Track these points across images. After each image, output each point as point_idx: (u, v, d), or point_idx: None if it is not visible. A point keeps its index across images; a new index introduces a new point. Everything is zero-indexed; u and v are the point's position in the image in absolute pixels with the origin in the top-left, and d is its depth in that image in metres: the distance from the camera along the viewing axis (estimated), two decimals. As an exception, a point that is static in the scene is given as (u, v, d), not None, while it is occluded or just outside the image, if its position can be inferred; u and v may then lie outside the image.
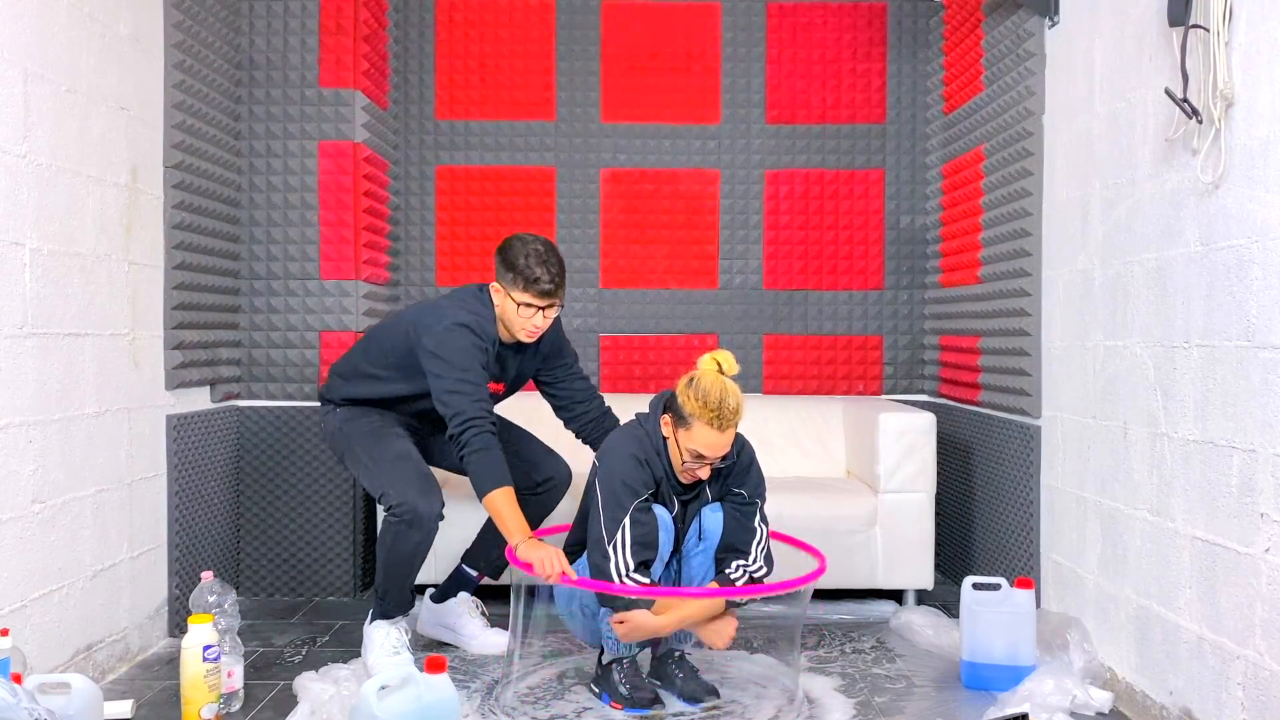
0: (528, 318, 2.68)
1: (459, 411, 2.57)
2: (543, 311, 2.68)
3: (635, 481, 2.47)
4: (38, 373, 2.40)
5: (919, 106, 4.10)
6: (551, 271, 2.65)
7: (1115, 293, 2.60)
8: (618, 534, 2.42)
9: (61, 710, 1.98)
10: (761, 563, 2.55)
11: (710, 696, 2.58)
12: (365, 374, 2.86)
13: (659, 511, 2.49)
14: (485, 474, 2.54)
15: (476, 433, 2.55)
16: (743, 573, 2.52)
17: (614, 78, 4.07)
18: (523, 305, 2.66)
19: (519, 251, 2.66)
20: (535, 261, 2.64)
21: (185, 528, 3.13)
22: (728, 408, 2.39)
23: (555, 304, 2.70)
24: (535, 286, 2.63)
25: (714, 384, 2.41)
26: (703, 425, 2.40)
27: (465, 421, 2.56)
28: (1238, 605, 2.08)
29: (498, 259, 2.71)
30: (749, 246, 4.11)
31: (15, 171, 2.31)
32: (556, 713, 2.52)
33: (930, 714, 2.52)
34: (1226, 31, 2.09)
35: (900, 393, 4.14)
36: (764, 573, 2.55)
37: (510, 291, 2.66)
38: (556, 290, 2.67)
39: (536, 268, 2.63)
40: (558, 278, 2.67)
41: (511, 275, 2.65)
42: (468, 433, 2.55)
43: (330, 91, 3.51)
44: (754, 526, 2.57)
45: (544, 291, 2.64)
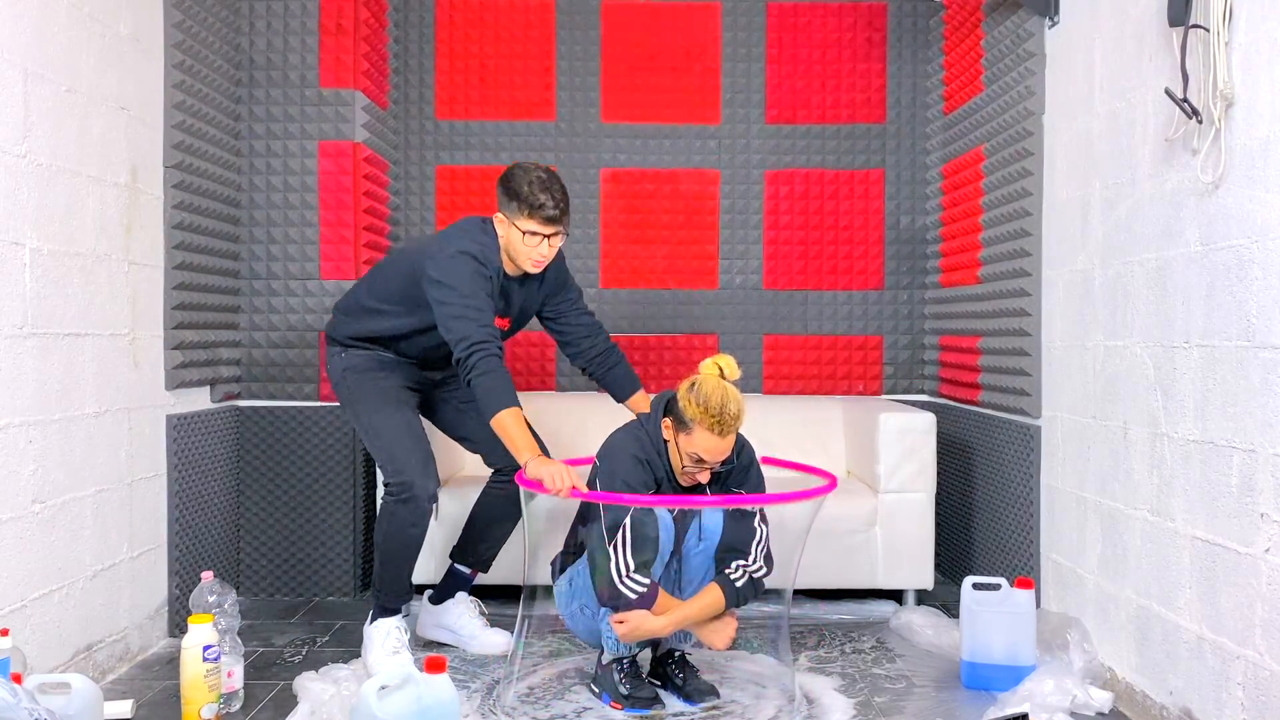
0: (533, 246, 2.65)
1: (464, 336, 2.54)
2: (548, 240, 2.66)
3: (636, 482, 2.47)
4: (38, 373, 2.40)
5: (919, 106, 4.10)
6: (556, 197, 2.63)
7: (1115, 293, 2.60)
8: (618, 534, 2.42)
9: (61, 710, 1.98)
10: (761, 562, 2.55)
11: (710, 696, 2.58)
12: (369, 309, 2.83)
13: (659, 512, 2.49)
14: (492, 396, 2.51)
15: (482, 356, 2.52)
16: (743, 572, 2.52)
17: (614, 78, 4.07)
18: (528, 234, 2.63)
19: (521, 179, 2.63)
20: (539, 188, 2.61)
21: (185, 528, 3.13)
22: (728, 413, 2.39)
23: (560, 231, 2.67)
24: (541, 213, 2.61)
25: (715, 389, 2.41)
26: (703, 430, 2.40)
27: (471, 345, 2.53)
28: (1238, 605, 2.08)
29: (500, 189, 2.68)
30: (749, 246, 4.11)
31: (15, 171, 2.31)
32: (556, 713, 2.52)
33: (930, 714, 2.52)
34: (1226, 31, 2.09)
35: (900, 393, 4.14)
36: (764, 572, 2.55)
37: (515, 220, 2.63)
38: (562, 216, 2.65)
39: (540, 194, 2.61)
40: (562, 203, 2.64)
41: (516, 204, 2.62)
42: (474, 356, 2.52)
43: (330, 91, 3.51)
44: (754, 526, 2.57)
45: (549, 218, 2.62)
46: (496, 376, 2.52)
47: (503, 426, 2.50)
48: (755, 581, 2.54)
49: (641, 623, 2.42)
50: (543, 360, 4.10)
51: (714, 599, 2.49)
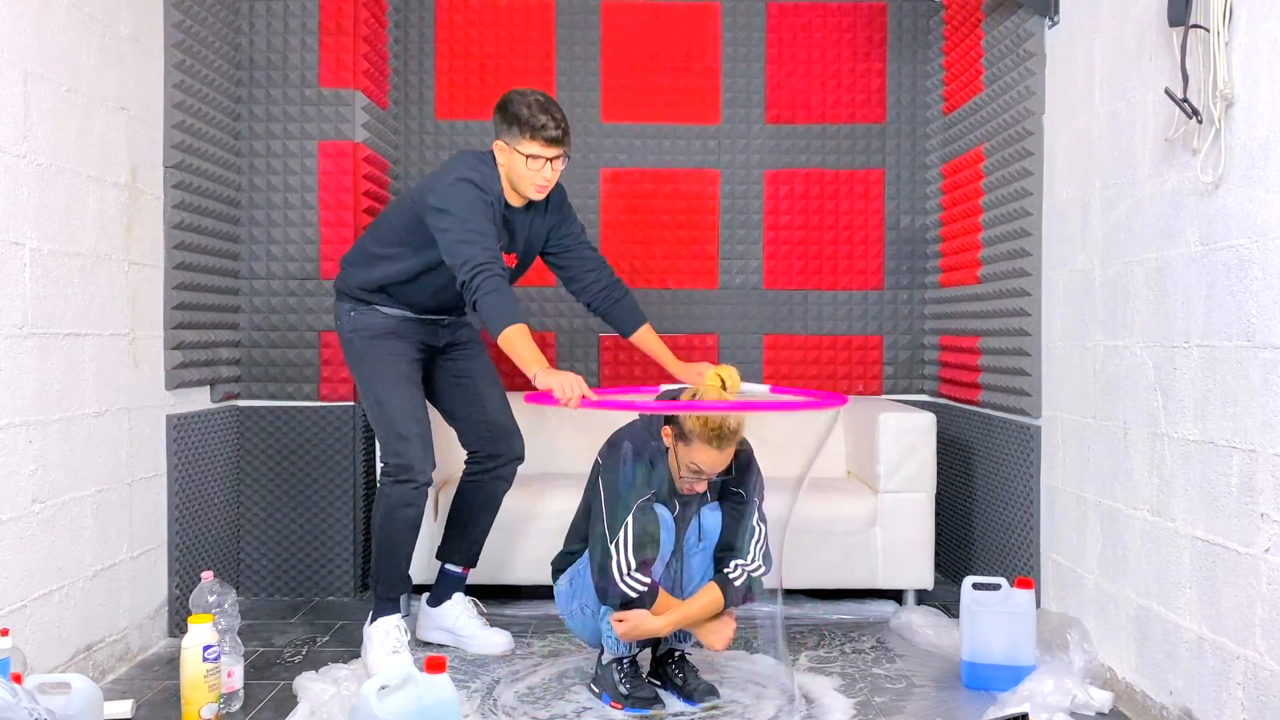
0: (536, 170, 2.64)
1: (468, 259, 2.52)
2: (550, 163, 2.65)
3: (639, 482, 2.47)
4: (38, 373, 2.40)
5: (919, 106, 4.10)
6: (556, 118, 2.63)
7: (1115, 293, 2.60)
8: (620, 532, 2.42)
9: (61, 710, 1.98)
10: (760, 561, 2.55)
11: (710, 696, 2.58)
12: (375, 255, 2.83)
13: (660, 511, 2.50)
14: (498, 313, 2.49)
15: (486, 276, 2.51)
16: (741, 571, 2.52)
17: (614, 78, 4.07)
18: (530, 157, 2.62)
19: (519, 103, 2.63)
20: (538, 109, 2.61)
21: (185, 528, 3.13)
22: (728, 427, 2.39)
23: (562, 154, 2.67)
24: (543, 134, 2.60)
25: None
26: (702, 443, 2.40)
27: (475, 267, 2.51)
28: (1238, 605, 2.08)
29: (497, 116, 2.67)
30: (749, 246, 4.11)
31: (15, 171, 2.31)
32: (556, 713, 2.52)
33: (930, 714, 2.52)
34: (1226, 31, 2.09)
35: (900, 393, 4.14)
36: (762, 571, 2.55)
37: (516, 145, 2.63)
38: (564, 138, 2.64)
39: (540, 115, 2.60)
40: (563, 124, 2.64)
41: (516, 128, 2.61)
42: (478, 277, 2.51)
43: (330, 91, 3.51)
44: (752, 525, 2.57)
45: (551, 139, 2.62)
46: (502, 295, 2.51)
47: (510, 342, 2.48)
48: (754, 581, 2.54)
49: (641, 622, 2.43)
50: (543, 360, 4.10)
51: (713, 598, 2.49)
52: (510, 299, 2.53)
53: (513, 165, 2.66)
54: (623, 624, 2.43)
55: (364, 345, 2.85)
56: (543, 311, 4.09)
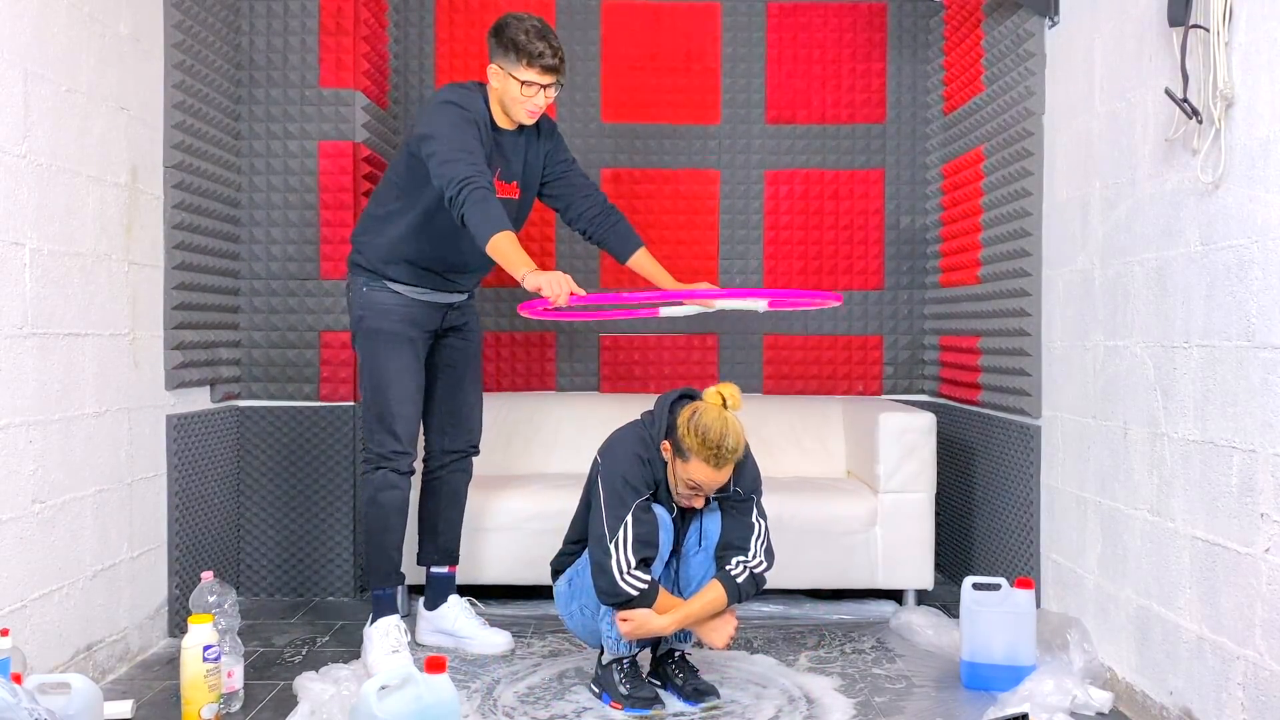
0: (530, 96, 2.65)
1: (453, 176, 2.52)
2: (544, 90, 2.65)
3: (637, 480, 2.47)
4: (38, 373, 2.40)
5: (919, 106, 4.10)
6: (554, 45, 2.63)
7: (1115, 293, 2.60)
8: (620, 531, 2.42)
9: (61, 710, 1.98)
10: (762, 557, 2.55)
11: (710, 696, 2.57)
12: (379, 217, 2.83)
13: (659, 511, 2.49)
14: (484, 222, 2.48)
15: (472, 188, 2.50)
16: (743, 568, 2.51)
17: (614, 78, 4.07)
18: (526, 84, 2.62)
19: (516, 29, 2.62)
20: (535, 36, 2.61)
21: (185, 528, 3.13)
22: (726, 447, 2.39)
23: (557, 81, 2.66)
24: (540, 61, 2.60)
25: (715, 421, 2.41)
26: (700, 461, 2.40)
27: (459, 182, 2.51)
28: (1238, 605, 2.08)
29: (492, 40, 2.66)
30: (749, 246, 4.11)
31: (15, 171, 2.31)
32: (556, 713, 2.52)
33: (930, 714, 2.52)
34: (1226, 31, 2.09)
35: (900, 393, 4.14)
36: (764, 568, 2.55)
37: (512, 71, 2.62)
38: (560, 65, 2.64)
39: (537, 42, 2.60)
40: (560, 52, 2.64)
41: (513, 54, 2.61)
42: (463, 191, 2.50)
43: (330, 91, 3.51)
44: (751, 522, 2.56)
45: (548, 66, 2.62)
46: (488, 205, 2.50)
47: (498, 249, 2.47)
48: (756, 577, 2.53)
49: (645, 621, 2.43)
50: (542, 360, 4.10)
51: (716, 596, 2.49)
52: (496, 208, 2.51)
53: (507, 89, 2.66)
54: (627, 623, 2.43)
55: (373, 326, 2.85)
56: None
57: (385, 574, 2.87)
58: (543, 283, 2.38)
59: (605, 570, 2.42)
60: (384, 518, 2.86)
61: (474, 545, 3.32)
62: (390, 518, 2.86)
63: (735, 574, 2.51)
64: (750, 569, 2.53)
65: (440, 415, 3.04)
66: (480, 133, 2.64)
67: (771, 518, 2.68)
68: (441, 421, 3.04)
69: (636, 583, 2.41)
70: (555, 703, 2.58)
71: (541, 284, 2.38)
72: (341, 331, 3.51)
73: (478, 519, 3.32)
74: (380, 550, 2.87)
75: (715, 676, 2.69)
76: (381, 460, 2.84)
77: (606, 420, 2.83)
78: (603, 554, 2.43)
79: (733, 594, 2.50)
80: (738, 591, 2.50)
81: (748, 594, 2.53)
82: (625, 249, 2.96)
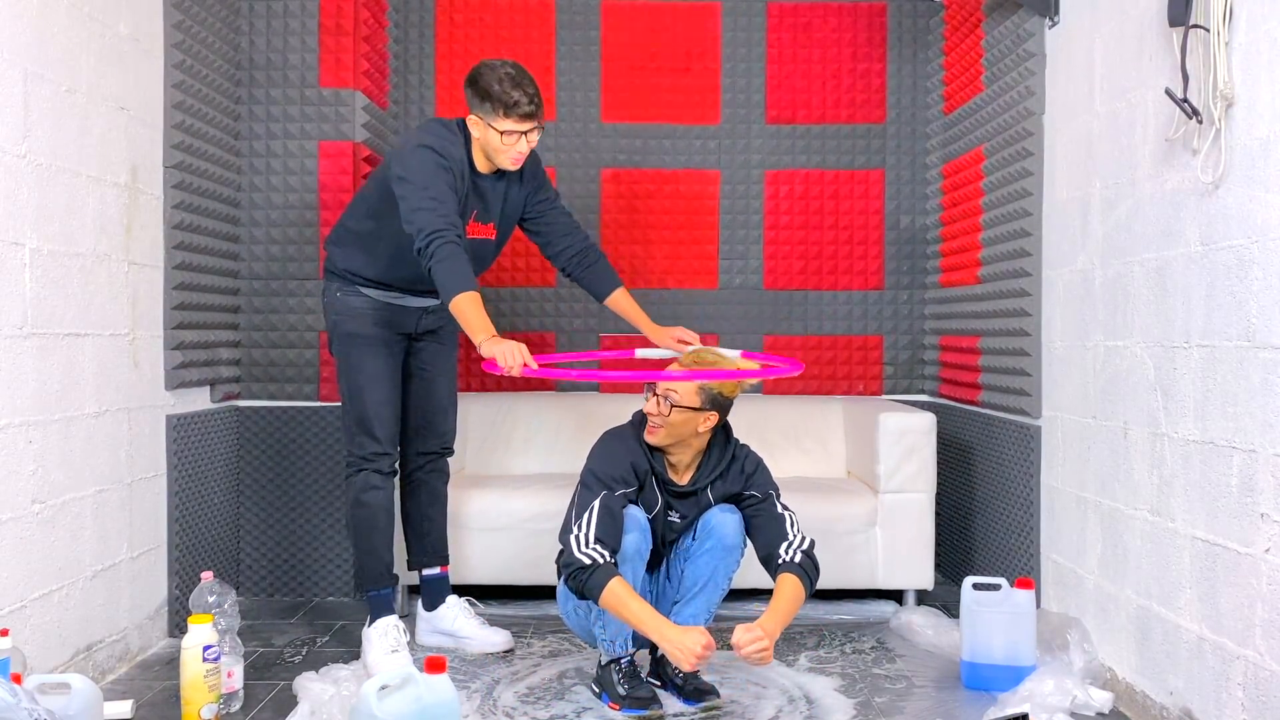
0: (511, 145, 2.65)
1: (423, 226, 2.52)
2: (525, 136, 2.65)
3: (607, 476, 2.49)
4: (38, 373, 2.40)
5: (919, 106, 4.10)
6: (529, 93, 2.62)
7: (1115, 293, 2.60)
8: (585, 515, 2.43)
9: (61, 710, 1.98)
10: (804, 536, 2.53)
11: (710, 696, 2.57)
12: (354, 231, 2.84)
13: (633, 511, 2.50)
14: (450, 280, 2.49)
15: (441, 243, 2.50)
16: (794, 552, 2.49)
17: (614, 78, 4.07)
18: (505, 133, 2.62)
19: (490, 78, 2.62)
20: (510, 85, 2.60)
21: (185, 528, 3.13)
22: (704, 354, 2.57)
23: (537, 126, 2.66)
24: (516, 111, 2.60)
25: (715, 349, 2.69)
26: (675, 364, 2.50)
27: (430, 234, 2.51)
28: (1238, 605, 2.08)
29: (468, 90, 2.66)
30: (749, 246, 4.11)
31: (15, 171, 2.31)
32: (556, 713, 2.52)
33: (930, 714, 2.52)
34: (1226, 31, 2.09)
35: (900, 393, 4.14)
36: (810, 542, 2.53)
37: (490, 121, 2.62)
38: (537, 111, 2.64)
39: (512, 91, 2.59)
40: (536, 98, 2.63)
41: (489, 104, 2.61)
42: (433, 244, 2.50)
43: (330, 91, 3.51)
44: (780, 514, 2.56)
45: (525, 114, 2.61)
46: (455, 261, 2.50)
47: (459, 309, 2.48)
48: (809, 554, 2.51)
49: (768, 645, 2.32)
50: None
51: (794, 588, 2.45)
52: (463, 266, 2.51)
53: (488, 140, 2.66)
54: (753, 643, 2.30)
55: (348, 330, 2.87)
56: (542, 312, 4.09)
57: (376, 575, 2.87)
58: (497, 353, 2.40)
59: (566, 546, 2.44)
60: (370, 518, 2.86)
61: (474, 545, 3.33)
62: (376, 517, 2.86)
63: (793, 560, 2.47)
64: (802, 550, 2.50)
65: (414, 418, 3.03)
66: (455, 179, 2.64)
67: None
68: (415, 424, 3.04)
69: (594, 554, 2.38)
70: (555, 703, 2.58)
71: (495, 354, 2.40)
72: (341, 331, 3.52)
73: (477, 519, 3.33)
74: (369, 552, 2.87)
75: (715, 677, 2.69)
76: (363, 463, 2.85)
77: (606, 420, 2.83)
78: (566, 533, 2.46)
79: (803, 577, 2.45)
80: (805, 574, 2.46)
81: (813, 573, 2.49)
82: (603, 289, 2.99)
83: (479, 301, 2.50)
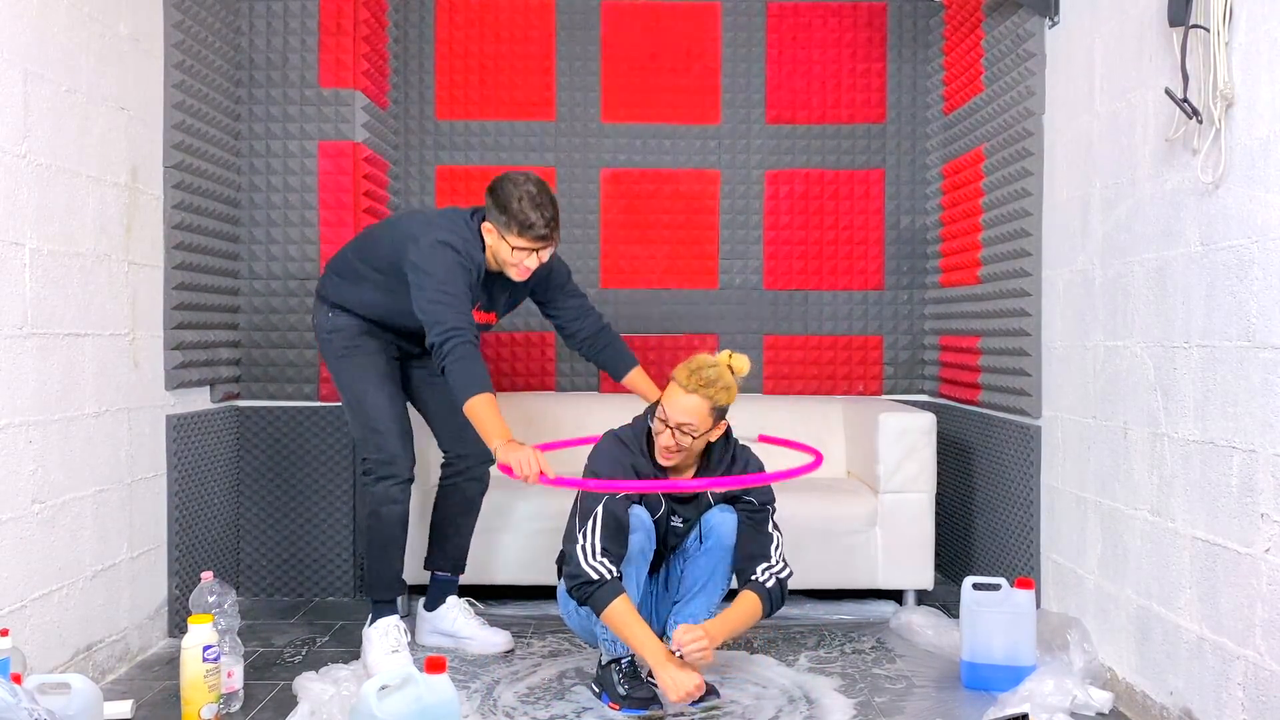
0: (521, 259, 2.65)
1: (439, 320, 2.53)
2: (537, 253, 2.66)
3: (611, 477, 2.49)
4: (38, 373, 2.40)
5: (919, 106, 4.10)
6: (546, 215, 2.61)
7: (1115, 293, 2.60)
8: (589, 522, 2.44)
9: (61, 710, 1.98)
10: (784, 564, 2.56)
11: (709, 696, 2.57)
12: (358, 273, 2.83)
13: (638, 511, 2.50)
14: (466, 381, 2.50)
15: (457, 342, 2.51)
16: (770, 576, 2.52)
17: (614, 78, 4.07)
18: (517, 249, 2.63)
19: (511, 194, 2.61)
20: (529, 205, 2.59)
21: (185, 528, 3.13)
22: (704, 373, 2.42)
23: (550, 245, 2.67)
24: (530, 232, 2.60)
25: (710, 362, 2.47)
26: (675, 385, 2.44)
27: (446, 331, 2.52)
28: (1238, 605, 2.08)
29: (489, 200, 2.66)
30: (749, 246, 4.11)
31: (15, 171, 2.31)
32: (556, 713, 2.52)
33: (930, 714, 2.52)
34: (1226, 31, 2.09)
35: (900, 393, 4.14)
36: (789, 574, 2.56)
37: (504, 235, 2.63)
38: (552, 233, 2.64)
39: (531, 212, 2.59)
40: (553, 221, 2.63)
41: (505, 219, 2.61)
42: (449, 342, 2.51)
43: (330, 91, 3.51)
44: (769, 532, 2.58)
45: (539, 236, 2.62)
46: (471, 362, 2.51)
47: (475, 412, 2.49)
48: (783, 583, 2.55)
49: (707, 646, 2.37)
50: (542, 360, 4.10)
51: (752, 604, 2.50)
52: (479, 367, 2.53)
53: (499, 250, 2.67)
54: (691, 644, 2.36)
55: (343, 345, 2.86)
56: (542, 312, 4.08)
57: (387, 584, 2.86)
58: (512, 461, 2.38)
59: (572, 556, 2.43)
60: (386, 531, 2.84)
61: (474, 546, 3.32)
62: (393, 531, 2.85)
63: (764, 581, 2.52)
64: (777, 576, 2.53)
65: (443, 425, 3.03)
66: (472, 277, 2.65)
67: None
68: (445, 431, 3.03)
69: (601, 568, 2.40)
70: (555, 703, 2.58)
71: (510, 463, 2.38)
72: (341, 331, 3.52)
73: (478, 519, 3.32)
74: (384, 562, 2.86)
75: (715, 677, 2.69)
76: (379, 468, 2.82)
77: (606, 420, 2.83)
78: (571, 542, 2.45)
79: (765, 601, 2.51)
80: (769, 598, 2.52)
81: (777, 602, 2.53)
82: (619, 369, 3.00)
83: (494, 404, 2.50)
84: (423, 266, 2.60)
